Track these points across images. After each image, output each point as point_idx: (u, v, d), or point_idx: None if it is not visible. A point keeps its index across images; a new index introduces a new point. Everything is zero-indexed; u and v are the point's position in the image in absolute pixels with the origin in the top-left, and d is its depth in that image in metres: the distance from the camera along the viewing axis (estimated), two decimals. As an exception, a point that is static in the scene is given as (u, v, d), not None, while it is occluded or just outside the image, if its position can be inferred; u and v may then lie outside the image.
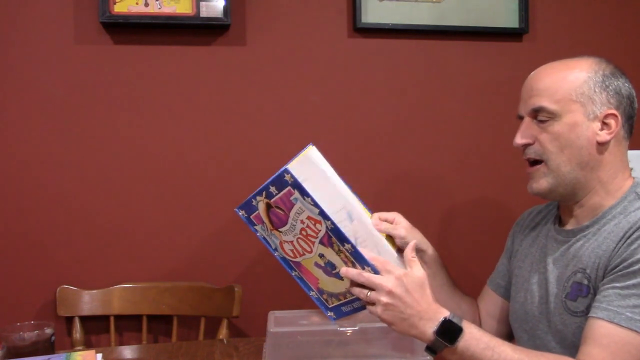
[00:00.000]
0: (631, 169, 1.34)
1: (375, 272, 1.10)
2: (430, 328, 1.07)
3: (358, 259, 1.10)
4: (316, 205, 1.09)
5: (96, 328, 1.80)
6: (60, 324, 1.76)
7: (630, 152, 1.29)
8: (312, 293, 1.23)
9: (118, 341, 1.80)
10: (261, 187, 1.14)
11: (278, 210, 1.15)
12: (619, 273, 1.07)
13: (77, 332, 1.73)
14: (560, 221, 1.28)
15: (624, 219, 1.13)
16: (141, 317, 1.77)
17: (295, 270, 1.23)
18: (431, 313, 1.08)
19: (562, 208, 1.28)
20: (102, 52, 1.78)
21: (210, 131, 1.84)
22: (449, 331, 1.06)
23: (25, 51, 1.74)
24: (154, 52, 1.81)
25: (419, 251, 1.33)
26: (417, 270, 1.12)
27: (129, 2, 1.73)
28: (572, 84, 1.16)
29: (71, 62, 1.76)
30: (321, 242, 1.13)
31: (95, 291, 1.76)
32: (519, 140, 1.21)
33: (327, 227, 1.10)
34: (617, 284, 1.07)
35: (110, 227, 1.79)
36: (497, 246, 1.51)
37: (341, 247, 1.11)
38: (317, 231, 1.12)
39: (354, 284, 1.12)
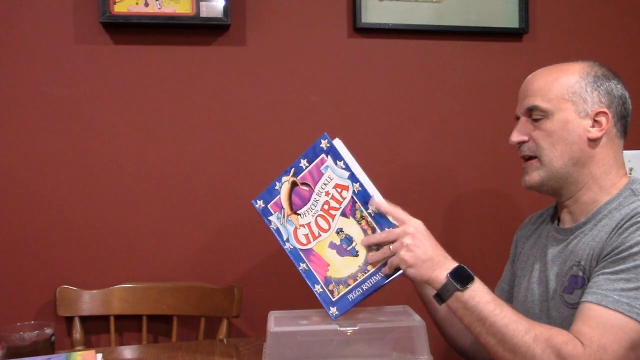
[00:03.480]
0: (631, 168, 1.35)
1: None
2: (444, 272, 1.12)
3: (380, 222, 1.17)
4: (347, 168, 1.19)
5: (96, 328, 1.80)
6: (60, 324, 1.76)
7: (632, 152, 1.30)
8: (316, 288, 1.25)
9: (118, 341, 1.80)
10: (292, 164, 1.24)
11: (303, 188, 1.24)
12: (609, 260, 1.11)
13: (77, 332, 1.73)
14: (559, 221, 1.31)
15: (618, 212, 1.16)
16: (141, 317, 1.77)
17: (304, 262, 1.26)
18: (447, 262, 1.14)
19: (559, 206, 1.31)
20: (102, 52, 1.78)
21: (210, 131, 1.84)
22: (462, 276, 1.12)
23: (25, 51, 1.74)
24: (154, 52, 1.81)
25: None
26: None
27: (129, 2, 1.73)
28: (564, 84, 1.22)
29: (71, 62, 1.76)
30: (343, 214, 1.20)
31: (95, 291, 1.76)
32: (515, 138, 1.27)
33: (353, 190, 1.19)
34: (607, 270, 1.10)
35: (110, 227, 1.79)
36: (500, 244, 1.51)
37: (364, 212, 1.18)
38: (341, 200, 1.20)
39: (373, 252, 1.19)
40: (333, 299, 1.24)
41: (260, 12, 1.85)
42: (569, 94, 1.21)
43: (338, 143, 1.23)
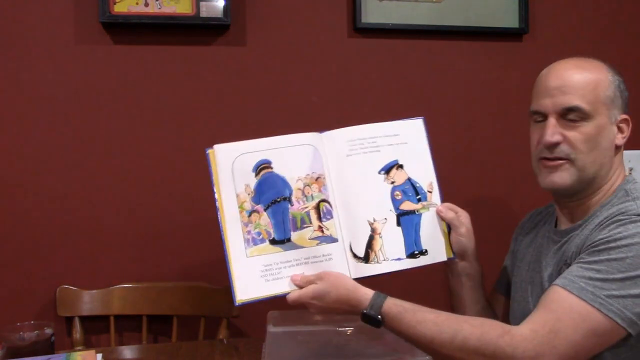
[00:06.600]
0: (631, 168, 1.35)
1: None
2: (358, 313, 1.15)
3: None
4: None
5: (96, 328, 1.80)
6: (60, 324, 1.75)
7: (632, 152, 1.30)
8: None
9: (118, 341, 1.80)
10: None
11: None
12: (587, 252, 1.11)
13: (77, 332, 1.73)
14: (557, 222, 1.30)
15: (607, 212, 1.15)
16: (141, 317, 1.77)
17: None
18: (353, 302, 1.15)
19: (560, 207, 1.29)
20: (102, 52, 1.78)
21: (210, 131, 1.84)
22: (372, 320, 1.13)
23: (25, 51, 1.74)
24: (154, 52, 1.81)
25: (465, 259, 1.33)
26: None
27: (129, 2, 1.73)
28: (602, 86, 1.18)
29: (71, 62, 1.76)
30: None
31: (95, 291, 1.76)
32: (551, 138, 1.17)
33: None
34: (582, 260, 1.10)
35: (110, 227, 1.79)
36: (500, 247, 1.50)
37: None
38: None
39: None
40: None
41: (260, 12, 1.85)
42: (604, 97, 1.17)
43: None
